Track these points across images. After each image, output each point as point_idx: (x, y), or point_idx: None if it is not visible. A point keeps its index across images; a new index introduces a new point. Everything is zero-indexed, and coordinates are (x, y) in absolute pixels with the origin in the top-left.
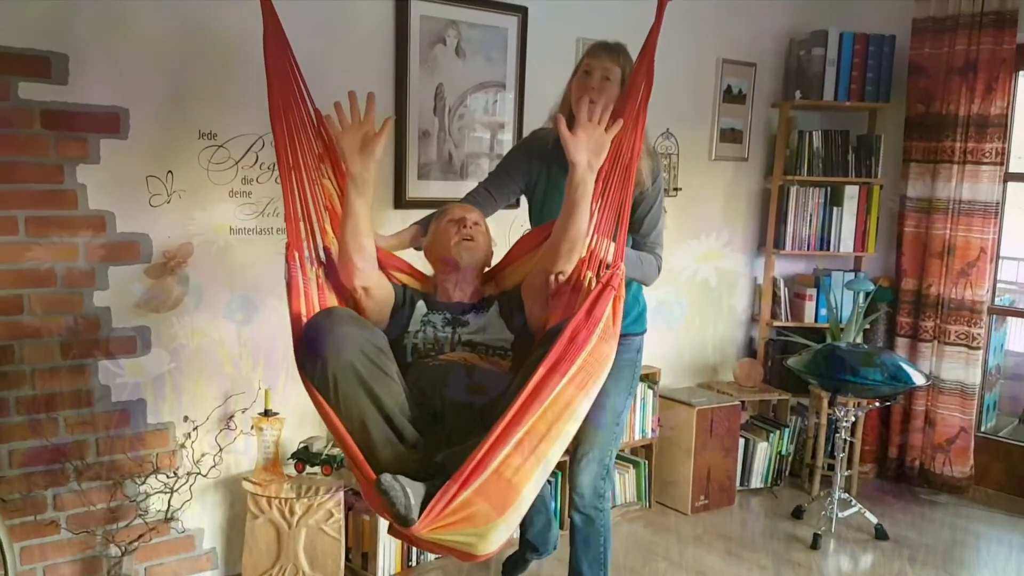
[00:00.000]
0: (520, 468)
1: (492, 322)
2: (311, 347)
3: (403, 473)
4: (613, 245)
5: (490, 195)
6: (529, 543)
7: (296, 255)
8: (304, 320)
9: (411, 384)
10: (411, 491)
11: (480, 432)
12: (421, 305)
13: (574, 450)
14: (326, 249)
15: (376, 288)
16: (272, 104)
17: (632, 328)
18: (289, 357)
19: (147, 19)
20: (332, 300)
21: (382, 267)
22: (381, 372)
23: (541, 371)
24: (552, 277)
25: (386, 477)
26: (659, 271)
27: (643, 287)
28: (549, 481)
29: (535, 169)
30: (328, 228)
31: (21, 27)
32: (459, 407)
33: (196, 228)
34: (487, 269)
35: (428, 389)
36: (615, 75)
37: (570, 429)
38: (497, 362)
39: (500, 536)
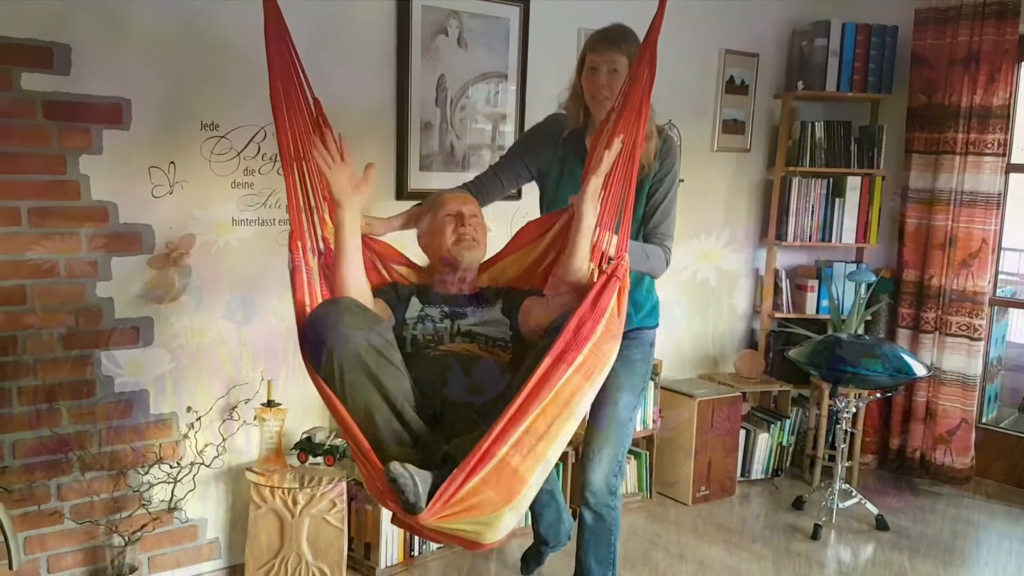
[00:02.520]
0: (527, 457)
1: (494, 316)
2: (317, 337)
3: (409, 463)
4: (615, 238)
5: (497, 179)
6: (541, 537)
7: (299, 244)
8: (308, 309)
9: (412, 379)
10: (419, 479)
11: (482, 428)
12: (415, 301)
13: (587, 447)
14: (324, 239)
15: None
16: (273, 94)
17: (646, 322)
18: (289, 356)
19: (149, 10)
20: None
21: (383, 261)
22: (388, 363)
23: (547, 361)
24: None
25: (395, 465)
26: (667, 264)
27: (655, 281)
28: (554, 468)
29: (549, 153)
30: (327, 218)
31: (24, 18)
32: (458, 407)
33: (198, 219)
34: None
35: (427, 388)
36: (622, 65)
37: (573, 422)
38: (497, 353)
39: (507, 525)
